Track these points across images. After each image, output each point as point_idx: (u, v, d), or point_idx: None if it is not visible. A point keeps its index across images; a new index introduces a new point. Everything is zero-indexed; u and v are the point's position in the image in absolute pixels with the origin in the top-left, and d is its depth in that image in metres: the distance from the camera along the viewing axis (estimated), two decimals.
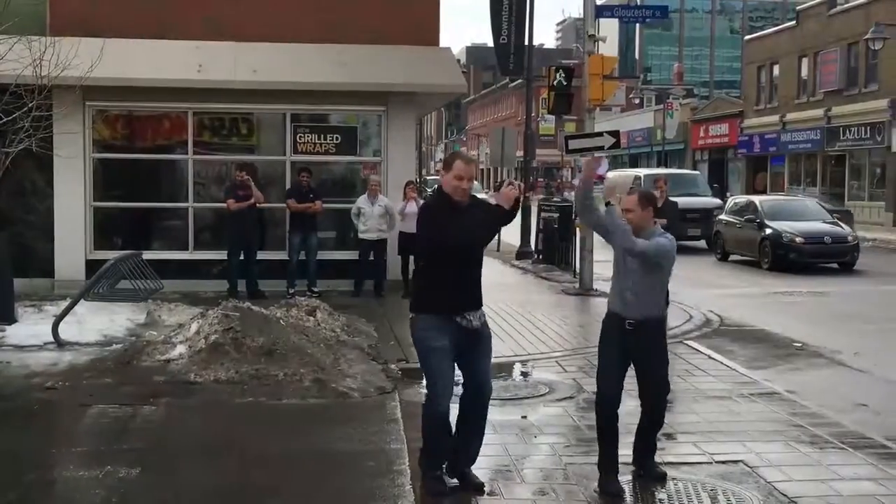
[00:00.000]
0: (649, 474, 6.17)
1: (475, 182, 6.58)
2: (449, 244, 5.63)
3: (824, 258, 20.45)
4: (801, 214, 21.86)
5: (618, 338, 6.04)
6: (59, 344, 10.28)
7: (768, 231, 20.74)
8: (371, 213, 14.50)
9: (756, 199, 23.78)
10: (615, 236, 5.94)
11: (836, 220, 22.47)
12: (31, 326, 10.96)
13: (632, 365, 6.12)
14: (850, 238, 20.76)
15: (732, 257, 22.43)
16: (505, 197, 5.67)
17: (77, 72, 11.38)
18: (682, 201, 23.84)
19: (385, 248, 14.77)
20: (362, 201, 14.56)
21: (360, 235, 14.60)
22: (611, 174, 28.34)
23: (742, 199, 24.99)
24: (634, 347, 6.02)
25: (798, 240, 20.14)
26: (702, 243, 24.93)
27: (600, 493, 5.93)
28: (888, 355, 10.94)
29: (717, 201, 27.39)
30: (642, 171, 30.98)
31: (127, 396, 8.10)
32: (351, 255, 14.89)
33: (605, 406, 6.08)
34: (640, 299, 5.98)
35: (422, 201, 15.35)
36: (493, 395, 8.40)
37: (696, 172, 36.25)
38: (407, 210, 14.37)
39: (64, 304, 11.05)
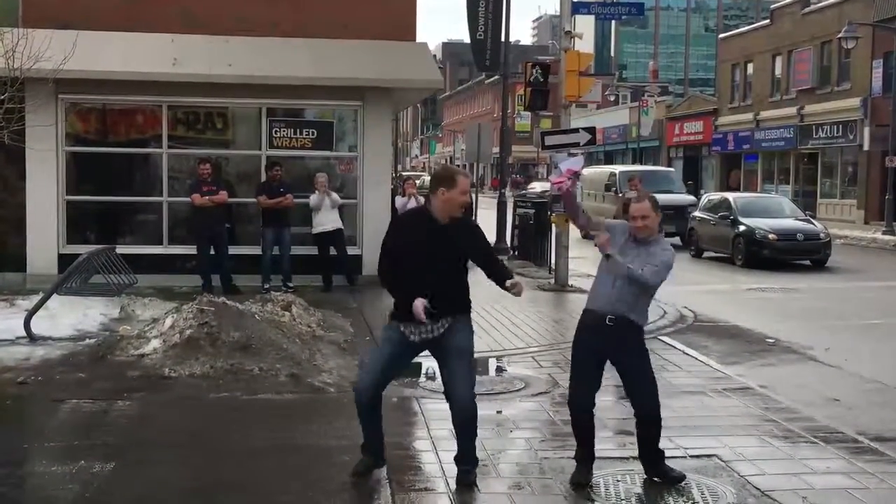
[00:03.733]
0: (666, 478, 5.99)
1: None
2: (407, 268, 5.76)
3: (797, 255, 20.58)
4: (774, 211, 22.00)
5: (594, 336, 5.92)
6: (32, 338, 10.19)
7: (742, 228, 20.79)
8: (324, 206, 14.47)
9: (730, 196, 23.84)
10: (638, 280, 5.77)
11: (808, 216, 22.67)
12: (2, 321, 10.84)
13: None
14: (822, 235, 20.89)
15: (706, 254, 22.44)
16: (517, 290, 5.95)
17: (50, 64, 11.28)
18: (657, 198, 24.11)
19: (343, 238, 14.73)
20: (315, 198, 14.52)
21: (316, 230, 14.56)
22: (586, 171, 28.47)
23: (716, 196, 25.07)
24: (612, 346, 5.90)
25: (771, 236, 20.22)
26: (676, 240, 25.07)
27: (571, 484, 5.96)
28: (859, 351, 11.06)
29: (692, 198, 27.56)
30: (617, 168, 31.12)
31: (100, 391, 8.04)
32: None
33: (575, 410, 6.05)
34: (623, 298, 5.85)
35: (421, 198, 15.44)
36: None
37: (671, 169, 36.43)
38: (409, 206, 14.40)
39: (36, 298, 10.94)
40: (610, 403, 7.60)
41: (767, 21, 43.78)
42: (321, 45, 15.02)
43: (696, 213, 23.50)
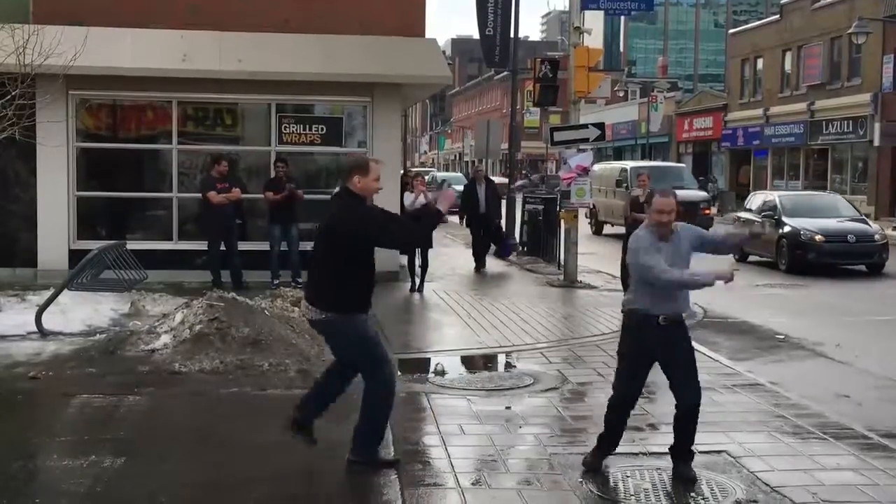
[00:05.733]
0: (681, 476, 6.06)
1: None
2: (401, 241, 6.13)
3: (847, 259, 18.65)
4: (825, 211, 19.83)
5: (647, 337, 6.01)
6: (43, 333, 10.23)
7: (786, 229, 18.73)
8: None
9: (776, 194, 21.58)
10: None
11: (863, 216, 20.69)
12: (14, 316, 10.90)
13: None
14: (877, 237, 18.80)
15: (751, 258, 19.92)
16: (444, 197, 6.00)
17: (60, 60, 11.30)
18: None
19: None
20: None
21: None
22: (597, 167, 28.40)
23: (761, 193, 22.86)
24: (665, 344, 6.01)
25: (817, 238, 18.24)
26: None
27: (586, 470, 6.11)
28: (869, 347, 11.03)
29: (704, 194, 27.42)
30: (629, 164, 31.04)
31: (111, 386, 8.08)
32: None
33: (628, 408, 6.19)
34: (669, 294, 5.97)
35: (430, 195, 15.41)
36: (478, 385, 8.56)
37: (682, 165, 36.37)
38: (417, 203, 14.41)
39: (47, 293, 10.99)
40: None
41: (777, 16, 43.62)
42: (331, 42, 15.03)
43: (741, 214, 21.49)
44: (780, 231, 18.86)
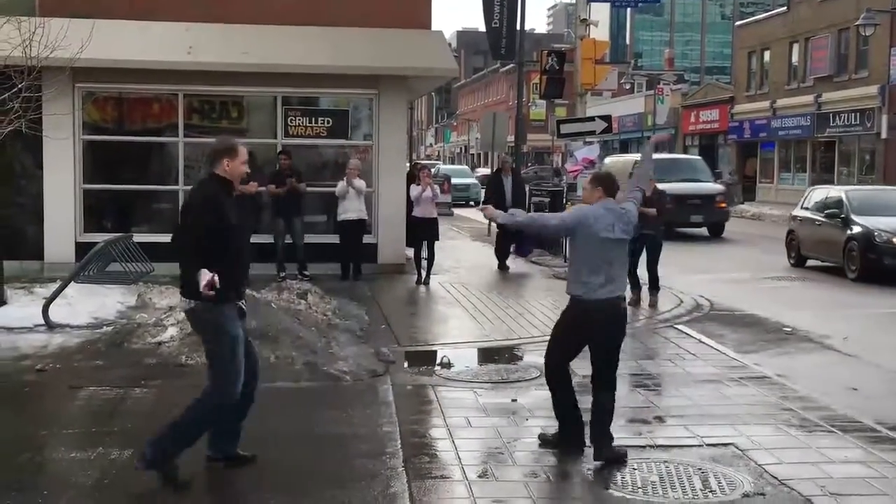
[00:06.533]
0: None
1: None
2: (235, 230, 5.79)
3: None
4: None
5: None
6: (50, 326, 10.25)
7: (856, 229, 16.18)
8: (350, 194, 14.37)
9: (842, 189, 18.88)
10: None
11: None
12: (21, 308, 10.91)
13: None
14: None
15: (810, 262, 18.05)
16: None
17: (66, 53, 11.27)
18: (684, 187, 23.54)
19: (363, 229, 14.66)
20: (341, 186, 14.43)
21: (340, 217, 14.43)
22: (608, 159, 28.30)
23: (822, 189, 19.94)
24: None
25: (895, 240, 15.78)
26: (703, 230, 24.90)
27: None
28: (876, 340, 11.00)
29: (720, 187, 26.76)
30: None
31: (118, 379, 8.09)
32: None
33: None
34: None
35: (437, 187, 15.42)
36: (485, 378, 8.56)
37: (699, 158, 36.05)
38: (424, 195, 14.40)
39: (54, 286, 11.00)
40: (623, 392, 7.58)
41: (784, 8, 43.44)
42: (336, 34, 15.01)
43: (797, 212, 18.82)
44: (849, 232, 16.35)
